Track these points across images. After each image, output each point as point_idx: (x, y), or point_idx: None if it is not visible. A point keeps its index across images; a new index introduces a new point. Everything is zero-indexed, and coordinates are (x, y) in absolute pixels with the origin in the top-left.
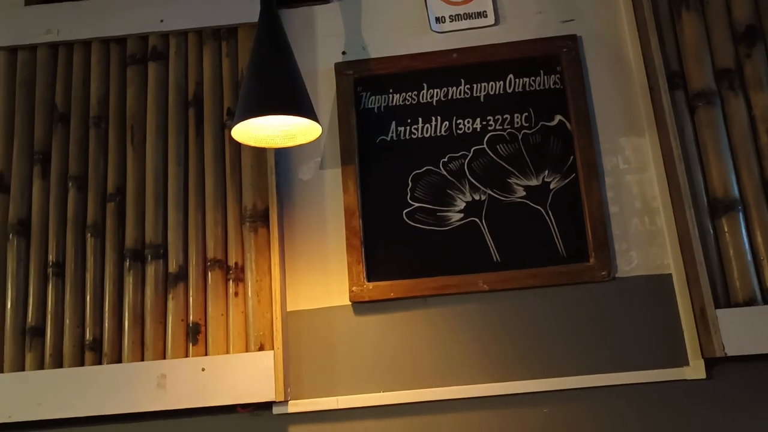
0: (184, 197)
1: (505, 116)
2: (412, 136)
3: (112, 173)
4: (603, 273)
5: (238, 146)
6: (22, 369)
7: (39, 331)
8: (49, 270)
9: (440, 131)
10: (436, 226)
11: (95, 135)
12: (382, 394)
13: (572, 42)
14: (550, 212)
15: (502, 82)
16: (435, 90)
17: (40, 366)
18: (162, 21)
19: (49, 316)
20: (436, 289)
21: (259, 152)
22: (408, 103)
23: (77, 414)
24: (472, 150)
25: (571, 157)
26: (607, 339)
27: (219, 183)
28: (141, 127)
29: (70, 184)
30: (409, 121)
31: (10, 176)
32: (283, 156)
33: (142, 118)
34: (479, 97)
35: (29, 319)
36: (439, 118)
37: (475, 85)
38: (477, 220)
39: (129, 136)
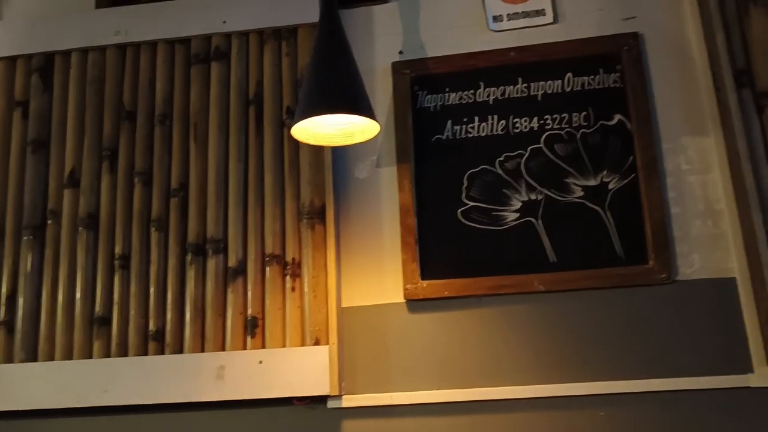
0: (244, 193)
1: (563, 115)
2: (468, 135)
3: (175, 169)
4: (663, 275)
5: (296, 144)
6: (90, 356)
7: (106, 321)
8: (116, 262)
9: (497, 130)
10: (491, 225)
11: (160, 132)
12: (435, 391)
13: (634, 40)
14: (608, 213)
15: (560, 81)
16: (492, 89)
17: (107, 354)
18: (225, 22)
19: (115, 307)
20: (491, 289)
21: (317, 150)
22: (464, 102)
23: (141, 401)
24: (528, 149)
25: (631, 157)
26: (665, 343)
27: (278, 180)
28: (203, 124)
29: (136, 180)
30: (465, 120)
31: (81, 171)
32: (339, 154)
33: (205, 116)
34: (537, 95)
35: (97, 309)
36: (495, 117)
37: (532, 84)
38: (533, 219)
39: (192, 134)
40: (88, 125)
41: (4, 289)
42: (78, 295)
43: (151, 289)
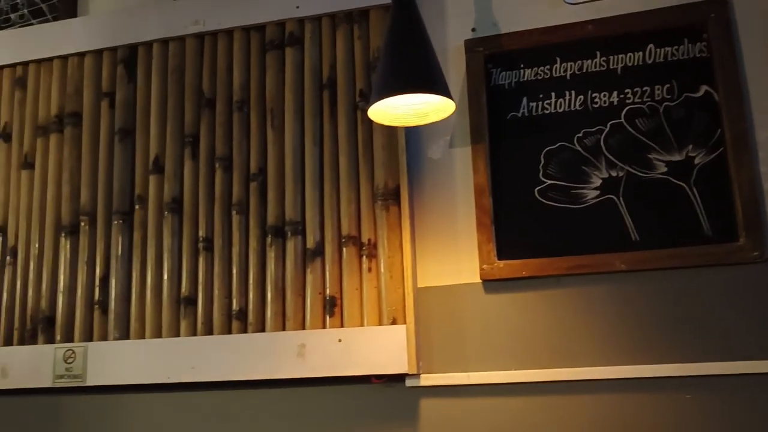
0: (320, 176)
1: (644, 89)
2: (545, 111)
3: (254, 154)
4: (755, 254)
5: (370, 126)
6: (178, 335)
7: (192, 301)
8: (200, 244)
9: (574, 106)
10: (570, 203)
11: (238, 118)
12: (513, 371)
13: (722, 6)
14: (694, 189)
15: (641, 53)
16: (569, 63)
17: (193, 333)
18: (298, 7)
19: (200, 287)
20: (570, 269)
21: (390, 132)
22: (540, 78)
23: (225, 378)
24: (608, 125)
25: (719, 131)
26: (757, 323)
27: (352, 162)
28: (280, 109)
29: (217, 165)
30: (541, 96)
31: (165, 158)
32: (413, 135)
33: (281, 101)
34: (616, 69)
35: (183, 290)
36: (573, 92)
37: (611, 57)
38: (614, 197)
39: (269, 119)
40: (171, 113)
41: (98, 272)
42: (165, 276)
43: (234, 270)
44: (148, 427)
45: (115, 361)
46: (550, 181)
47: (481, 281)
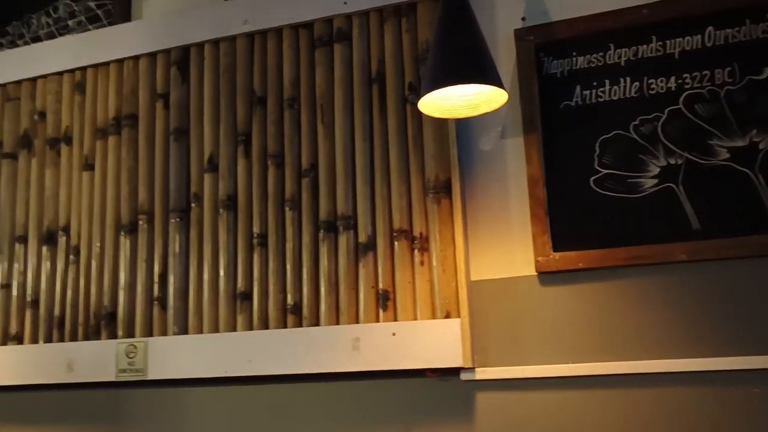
0: (370, 171)
1: (704, 73)
2: (599, 99)
3: (305, 150)
4: None
5: (419, 120)
6: (234, 329)
7: (247, 296)
8: (254, 240)
9: (630, 93)
10: (626, 193)
11: (289, 115)
12: (570, 365)
13: None
14: (759, 175)
15: (699, 36)
16: (623, 50)
17: (249, 327)
18: (345, 3)
19: (255, 283)
20: (628, 260)
21: (440, 124)
22: (593, 66)
23: (282, 371)
24: (666, 111)
25: None
26: None
27: (402, 156)
28: (329, 105)
29: (269, 162)
30: (595, 84)
31: (219, 156)
32: (463, 127)
33: (330, 97)
34: (673, 53)
35: (239, 285)
36: (628, 79)
37: (668, 42)
38: (673, 185)
39: (319, 115)
40: (223, 112)
41: (156, 269)
42: (221, 272)
43: (288, 266)
44: (207, 420)
45: (174, 356)
46: (605, 171)
47: (536, 273)
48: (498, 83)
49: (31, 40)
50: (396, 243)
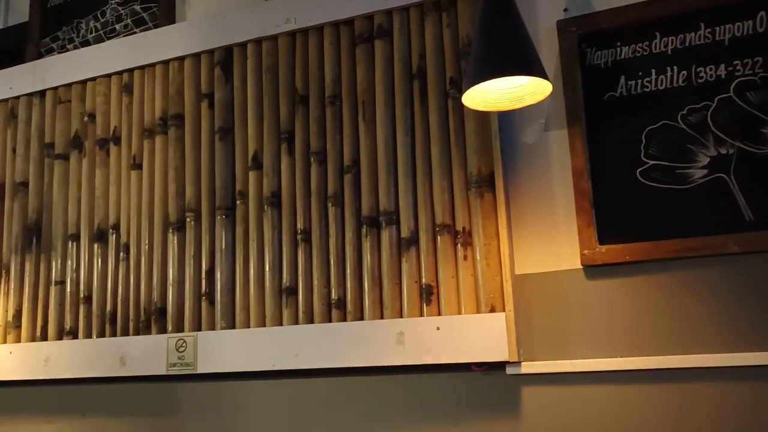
0: (412, 166)
1: (755, 59)
2: (645, 89)
3: (347, 147)
4: None
5: (461, 114)
6: (281, 324)
7: (293, 291)
8: (298, 236)
9: (677, 82)
10: (675, 184)
11: (331, 113)
12: (619, 359)
13: None
14: None
15: (750, 22)
16: (670, 38)
17: (295, 321)
18: None
19: (300, 278)
20: (677, 252)
21: (483, 118)
22: (639, 55)
23: (328, 365)
24: (716, 100)
25: None
26: None
27: (444, 151)
28: (371, 102)
29: (312, 159)
30: (640, 73)
31: (263, 154)
32: (506, 121)
33: (371, 93)
34: (723, 40)
35: (284, 280)
36: (675, 67)
37: (717, 29)
38: (724, 175)
39: (361, 112)
40: (267, 111)
41: (204, 265)
42: (267, 267)
43: (332, 261)
44: (255, 413)
45: (222, 350)
46: (652, 162)
47: (581, 267)
48: (543, 74)
49: (80, 44)
50: (439, 237)
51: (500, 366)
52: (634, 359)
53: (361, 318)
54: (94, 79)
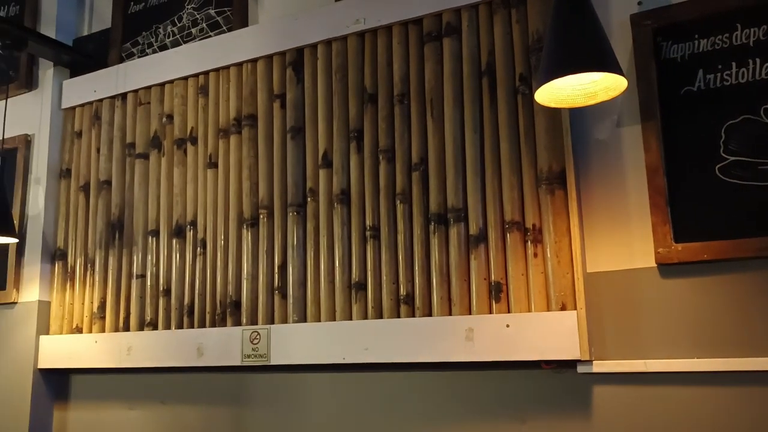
0: (480, 163)
1: None
2: (724, 83)
3: (415, 145)
4: None
5: (531, 111)
6: (351, 318)
7: (362, 286)
8: (367, 233)
9: (759, 74)
10: (756, 180)
11: (399, 111)
12: (696, 360)
13: None
14: None
15: None
16: (752, 29)
17: (364, 316)
18: None
19: (369, 273)
20: (758, 251)
21: (553, 115)
22: (718, 48)
23: (398, 359)
24: None
25: None
26: None
27: (514, 147)
28: (439, 99)
29: (380, 157)
30: (719, 67)
31: (332, 153)
32: (577, 117)
33: (440, 91)
34: None
35: (353, 275)
36: (757, 60)
37: None
38: None
39: (429, 109)
40: (336, 110)
41: (276, 260)
42: (337, 263)
43: (400, 257)
44: (326, 404)
45: (294, 342)
46: (732, 158)
47: (656, 265)
48: (618, 70)
49: (158, 48)
50: (508, 235)
51: (571, 364)
52: (712, 360)
53: (430, 314)
54: (171, 81)
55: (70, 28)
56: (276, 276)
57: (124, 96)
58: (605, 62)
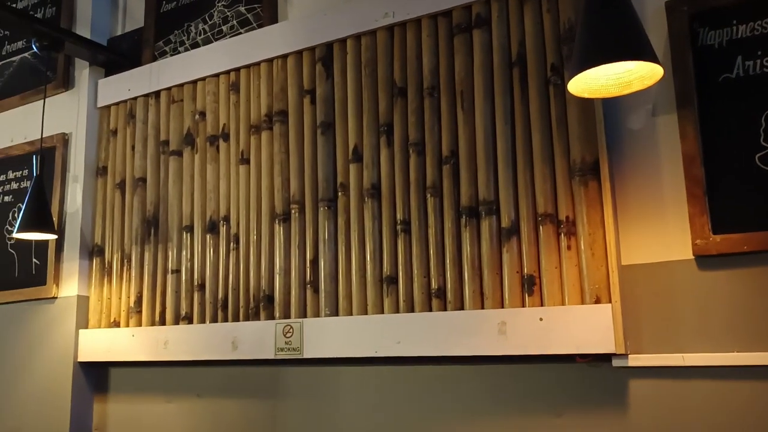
0: (512, 155)
1: None
2: (765, 70)
3: (445, 137)
4: None
5: (563, 101)
6: (382, 312)
7: (393, 280)
8: (398, 227)
9: None
10: None
11: (429, 104)
12: (736, 353)
13: None
14: None
15: None
16: None
17: (396, 310)
18: None
19: (400, 267)
20: None
21: (586, 105)
22: (758, 34)
23: (430, 353)
24: None
25: None
26: None
27: (545, 139)
28: (469, 91)
29: (411, 150)
30: (759, 53)
31: (362, 147)
32: (610, 107)
33: (470, 83)
34: None
35: (385, 269)
36: None
37: None
38: None
39: (459, 102)
40: (366, 105)
41: (308, 255)
42: (368, 257)
43: (431, 251)
44: (358, 398)
45: (327, 336)
46: None
47: (693, 257)
48: (654, 59)
49: (190, 46)
50: (541, 227)
51: (606, 358)
52: (753, 354)
53: (462, 307)
54: (203, 79)
55: (105, 28)
56: (308, 270)
57: (157, 94)
58: (641, 51)
